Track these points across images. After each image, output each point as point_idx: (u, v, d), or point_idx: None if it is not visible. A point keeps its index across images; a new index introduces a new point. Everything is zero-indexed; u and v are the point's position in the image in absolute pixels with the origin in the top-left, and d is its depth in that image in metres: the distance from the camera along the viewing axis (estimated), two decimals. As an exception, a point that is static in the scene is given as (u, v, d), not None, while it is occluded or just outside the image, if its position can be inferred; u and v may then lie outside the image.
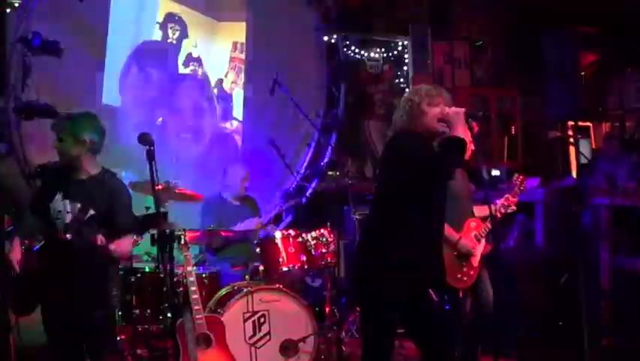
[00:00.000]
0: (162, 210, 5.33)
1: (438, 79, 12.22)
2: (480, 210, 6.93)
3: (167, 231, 5.08)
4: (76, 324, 5.36)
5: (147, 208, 6.39)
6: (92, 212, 5.35)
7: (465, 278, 6.62)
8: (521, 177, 7.12)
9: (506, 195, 6.95)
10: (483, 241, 6.68)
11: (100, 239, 5.20)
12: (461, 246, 6.55)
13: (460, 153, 5.07)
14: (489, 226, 6.70)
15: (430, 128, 5.12)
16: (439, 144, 5.11)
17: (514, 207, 6.95)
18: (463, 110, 5.13)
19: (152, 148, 5.16)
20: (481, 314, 6.66)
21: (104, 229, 5.31)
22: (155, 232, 5.19)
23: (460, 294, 6.79)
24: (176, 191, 6.99)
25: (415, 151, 5.04)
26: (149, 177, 5.12)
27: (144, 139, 5.25)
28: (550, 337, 7.92)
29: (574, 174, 12.39)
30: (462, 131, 5.05)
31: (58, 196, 5.34)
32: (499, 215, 6.85)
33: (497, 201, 6.80)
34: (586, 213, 9.08)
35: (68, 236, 5.15)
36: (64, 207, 5.33)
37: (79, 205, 5.35)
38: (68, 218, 5.32)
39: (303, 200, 10.18)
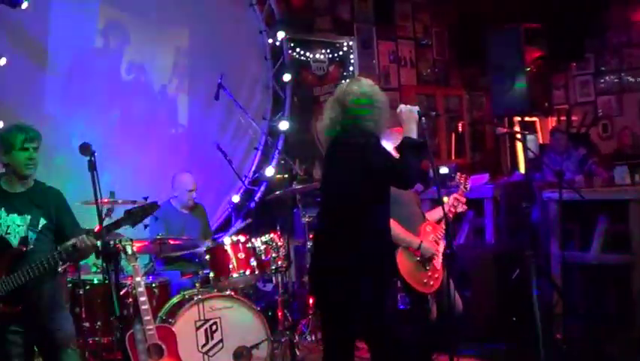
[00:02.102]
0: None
1: (384, 78, 12.24)
2: (431, 215, 6.94)
3: (111, 243, 5.00)
4: (40, 336, 5.34)
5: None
6: (43, 221, 5.32)
7: (431, 282, 6.61)
8: (464, 175, 7.17)
9: (454, 195, 6.98)
10: (442, 242, 6.68)
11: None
12: (424, 250, 6.52)
13: (422, 156, 5.03)
14: (444, 227, 6.69)
15: (381, 128, 5.09)
16: (398, 146, 5.05)
17: (465, 206, 6.98)
18: (416, 108, 5.10)
19: (93, 158, 5.06)
20: (451, 316, 6.61)
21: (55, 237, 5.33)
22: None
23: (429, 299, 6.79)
24: (119, 202, 6.88)
25: (380, 156, 4.97)
26: (92, 187, 4.98)
27: (85, 150, 5.17)
28: (503, 332, 7.93)
29: (522, 169, 12.48)
30: (415, 131, 5.02)
31: (2, 213, 5.25)
32: (450, 215, 6.86)
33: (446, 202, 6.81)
34: (535, 207, 9.13)
35: (27, 248, 5.16)
36: (11, 222, 5.25)
37: (29, 217, 5.30)
38: (19, 231, 5.25)
39: (252, 204, 10.11)
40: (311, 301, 8.02)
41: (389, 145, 5.54)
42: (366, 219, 4.99)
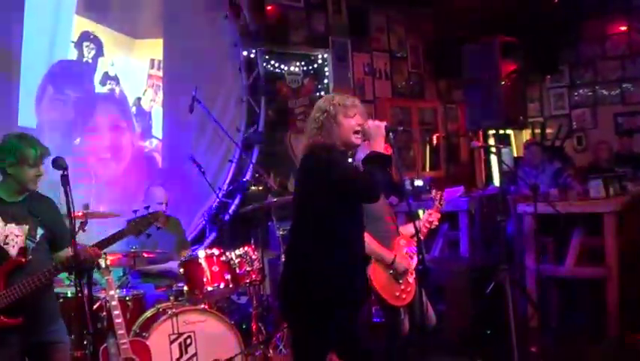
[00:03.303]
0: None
1: (359, 90, 12.25)
2: (405, 229, 6.95)
3: (82, 257, 4.96)
4: (38, 347, 5.33)
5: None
6: (40, 231, 5.31)
7: (404, 296, 6.62)
8: (439, 192, 7.20)
9: (429, 211, 7.01)
10: (415, 257, 6.67)
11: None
12: (397, 265, 6.54)
13: (387, 169, 5.04)
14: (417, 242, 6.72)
15: (345, 140, 5.08)
16: (363, 160, 5.05)
17: (437, 223, 7.01)
18: (384, 123, 5.10)
19: (66, 173, 5.02)
20: (424, 329, 6.61)
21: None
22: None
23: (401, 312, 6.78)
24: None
25: (339, 170, 4.97)
26: (65, 201, 4.94)
27: (57, 164, 5.14)
28: (478, 345, 7.93)
29: (496, 182, 12.52)
30: (382, 146, 5.02)
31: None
32: (424, 230, 6.88)
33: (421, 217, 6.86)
34: (510, 221, 9.15)
35: (26, 259, 5.14)
36: (9, 232, 5.22)
37: (27, 227, 5.28)
38: (17, 241, 5.23)
39: (226, 217, 10.07)
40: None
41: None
42: (324, 233, 4.99)
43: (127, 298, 7.11)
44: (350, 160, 5.38)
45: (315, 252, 4.99)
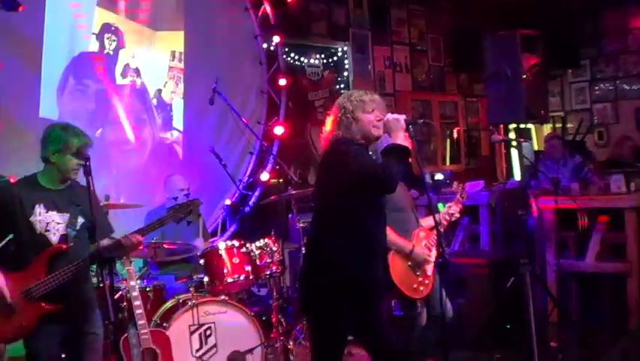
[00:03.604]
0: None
1: (379, 83, 12.24)
2: (425, 222, 6.94)
3: (124, 243, 4.99)
4: (75, 335, 5.35)
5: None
6: (81, 220, 5.35)
7: (422, 288, 6.62)
8: (461, 184, 7.18)
9: (450, 204, 6.99)
10: (434, 249, 6.68)
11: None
12: (416, 255, 6.53)
13: (405, 161, 5.03)
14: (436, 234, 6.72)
15: (365, 134, 5.10)
16: (382, 152, 5.06)
17: (458, 215, 7.01)
18: (403, 117, 5.11)
19: (88, 163, 5.03)
20: (441, 322, 6.59)
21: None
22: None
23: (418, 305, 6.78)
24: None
25: (358, 162, 4.97)
26: (87, 191, 4.95)
27: (79, 155, 5.15)
28: (498, 340, 7.91)
29: (517, 176, 12.47)
30: (402, 138, 5.03)
31: (40, 209, 5.24)
32: (445, 222, 6.88)
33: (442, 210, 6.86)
34: (530, 215, 9.12)
35: (68, 246, 5.17)
36: (51, 220, 5.26)
37: (68, 215, 5.32)
38: (58, 229, 5.27)
39: (247, 209, 10.08)
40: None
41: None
42: (345, 225, 5.01)
43: (147, 289, 7.13)
44: (370, 153, 5.36)
45: (336, 243, 5.01)
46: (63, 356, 5.47)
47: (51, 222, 5.26)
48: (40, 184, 5.32)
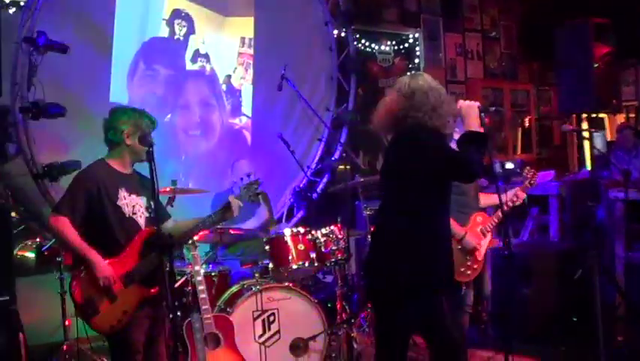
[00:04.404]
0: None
1: (450, 71, 12.16)
2: (486, 198, 6.91)
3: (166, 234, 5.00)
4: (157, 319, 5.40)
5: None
6: (150, 204, 5.39)
7: (469, 272, 6.66)
8: (532, 170, 7.10)
9: (516, 189, 6.93)
10: (489, 235, 6.73)
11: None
12: (466, 242, 6.56)
13: (483, 148, 4.95)
14: (495, 220, 6.78)
15: (443, 125, 5.03)
16: (459, 140, 4.99)
17: (521, 201, 6.95)
18: (477, 104, 5.04)
19: (151, 149, 5.02)
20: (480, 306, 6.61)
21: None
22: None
23: (463, 287, 6.76)
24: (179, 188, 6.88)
25: (441, 150, 4.91)
26: (150, 177, 4.95)
27: (144, 140, 5.14)
28: (564, 332, 7.83)
29: (589, 167, 12.30)
30: (478, 125, 4.96)
31: (124, 193, 5.27)
32: (506, 208, 6.82)
33: (508, 193, 6.81)
34: (601, 206, 8.99)
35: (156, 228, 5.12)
36: (136, 203, 5.32)
37: (144, 198, 5.39)
38: (142, 212, 5.35)
39: (314, 196, 10.09)
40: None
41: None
42: (421, 219, 4.94)
43: (213, 274, 7.17)
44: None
45: (404, 231, 4.94)
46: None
47: (136, 205, 5.31)
48: (113, 168, 5.32)
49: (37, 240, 7.26)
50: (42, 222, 7.23)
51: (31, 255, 7.14)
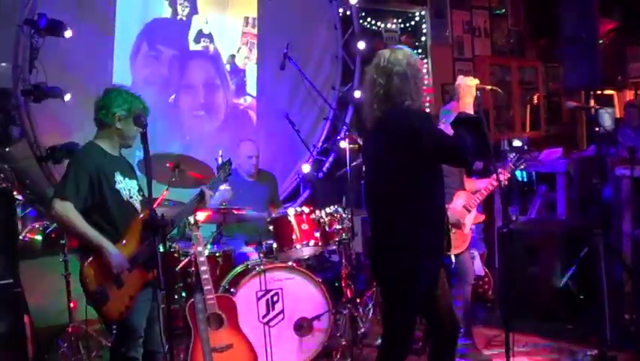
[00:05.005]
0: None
1: (457, 48, 12.09)
2: (471, 184, 6.97)
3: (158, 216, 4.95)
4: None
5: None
6: (140, 186, 5.35)
7: (456, 245, 6.63)
8: (516, 156, 7.15)
9: (500, 170, 6.90)
10: (474, 211, 6.87)
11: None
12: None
13: (476, 132, 4.91)
14: (479, 197, 6.90)
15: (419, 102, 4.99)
16: (452, 123, 4.94)
17: (506, 183, 7.02)
18: (477, 81, 4.99)
19: (144, 131, 4.91)
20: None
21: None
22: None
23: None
24: (188, 174, 6.80)
25: (431, 134, 4.86)
26: (144, 159, 4.87)
27: (138, 121, 5.03)
28: (570, 310, 7.81)
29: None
30: (471, 106, 4.91)
31: (119, 177, 5.19)
32: (490, 188, 6.90)
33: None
34: (607, 184, 8.93)
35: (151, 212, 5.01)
36: (131, 186, 5.26)
37: (135, 181, 5.34)
38: (137, 195, 5.30)
39: (320, 175, 10.07)
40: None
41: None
42: (407, 199, 4.90)
43: (217, 255, 7.19)
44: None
45: (400, 209, 4.92)
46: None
47: (131, 189, 5.25)
48: (105, 151, 5.21)
49: (45, 222, 7.27)
50: (47, 204, 7.23)
51: (38, 237, 7.16)
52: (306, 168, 10.01)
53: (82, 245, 5.14)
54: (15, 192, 6.66)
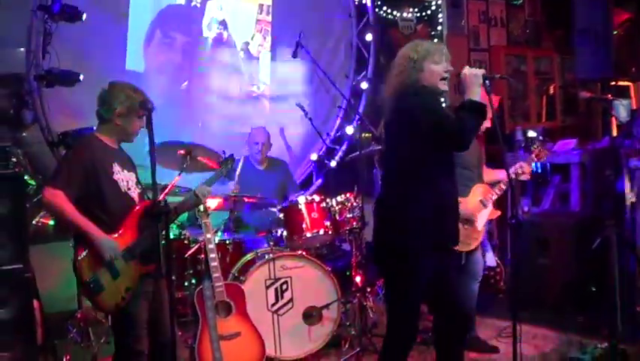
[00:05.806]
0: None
1: (473, 38, 12.03)
2: (491, 175, 6.88)
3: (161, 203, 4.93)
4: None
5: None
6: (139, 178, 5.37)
7: (469, 241, 6.55)
8: (540, 147, 7.03)
9: (520, 163, 6.84)
10: (490, 206, 6.71)
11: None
12: (461, 212, 6.47)
13: (481, 119, 4.91)
14: (497, 192, 6.73)
15: (430, 87, 4.98)
16: (457, 108, 4.94)
17: (529, 176, 6.89)
18: (482, 71, 4.97)
19: (149, 115, 4.87)
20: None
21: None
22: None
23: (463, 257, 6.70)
24: (199, 159, 6.79)
25: (431, 114, 4.86)
26: (149, 145, 4.83)
27: (143, 106, 5.02)
28: (581, 302, 7.77)
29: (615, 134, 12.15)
30: (479, 95, 4.90)
31: (117, 168, 5.16)
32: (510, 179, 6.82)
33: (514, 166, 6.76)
34: (621, 175, 8.88)
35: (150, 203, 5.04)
36: (129, 178, 5.24)
37: (134, 173, 5.33)
38: (135, 187, 5.27)
39: (333, 163, 10.05)
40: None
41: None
42: (415, 184, 4.90)
43: (227, 242, 7.20)
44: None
45: (405, 197, 4.93)
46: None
47: (129, 181, 5.22)
48: (104, 142, 5.21)
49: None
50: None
51: (51, 222, 7.17)
52: (314, 157, 10.00)
53: (75, 236, 5.11)
54: (27, 177, 6.65)
